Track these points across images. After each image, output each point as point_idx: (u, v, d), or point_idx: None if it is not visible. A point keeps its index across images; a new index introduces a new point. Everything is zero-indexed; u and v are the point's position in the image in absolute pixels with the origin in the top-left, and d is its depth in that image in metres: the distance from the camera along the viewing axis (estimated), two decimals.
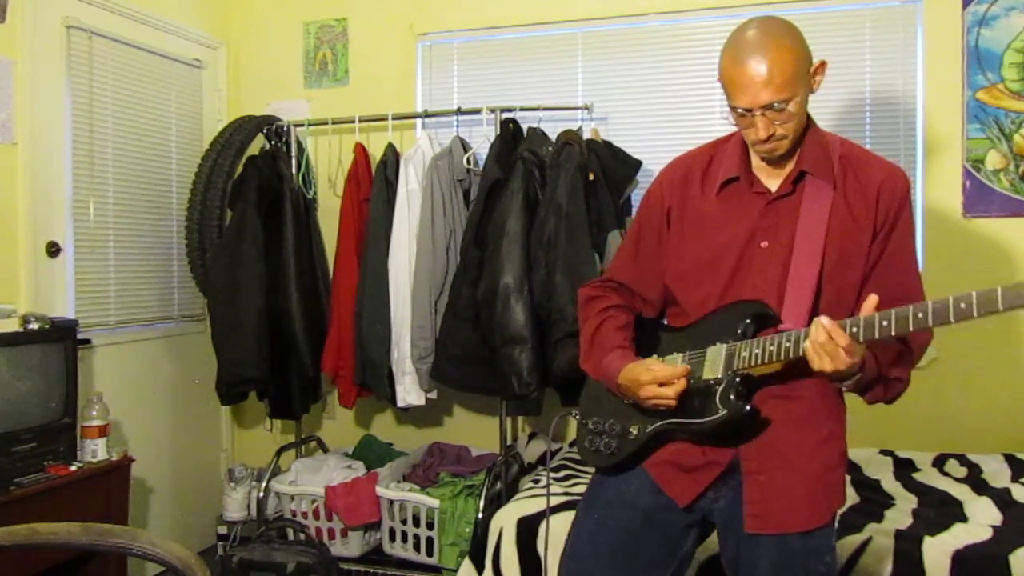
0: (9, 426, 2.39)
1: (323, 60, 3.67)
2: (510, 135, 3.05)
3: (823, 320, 1.33)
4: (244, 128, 3.32)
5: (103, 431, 2.64)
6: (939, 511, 2.36)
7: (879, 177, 1.50)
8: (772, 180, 1.53)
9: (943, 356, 2.97)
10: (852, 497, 2.48)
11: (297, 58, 3.71)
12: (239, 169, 3.27)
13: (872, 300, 1.33)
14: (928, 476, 2.67)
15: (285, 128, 3.39)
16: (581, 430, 1.73)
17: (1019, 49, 2.88)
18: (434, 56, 3.55)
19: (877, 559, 2.09)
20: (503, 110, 3.11)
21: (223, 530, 3.44)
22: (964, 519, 2.30)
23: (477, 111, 3.15)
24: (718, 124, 3.21)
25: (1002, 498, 2.42)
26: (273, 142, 3.37)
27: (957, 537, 2.12)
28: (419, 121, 3.42)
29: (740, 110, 1.44)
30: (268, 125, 3.38)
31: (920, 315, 1.26)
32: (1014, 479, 2.59)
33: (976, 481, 2.60)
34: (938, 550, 2.06)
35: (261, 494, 3.23)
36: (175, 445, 3.44)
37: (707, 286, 1.55)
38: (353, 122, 3.28)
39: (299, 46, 3.70)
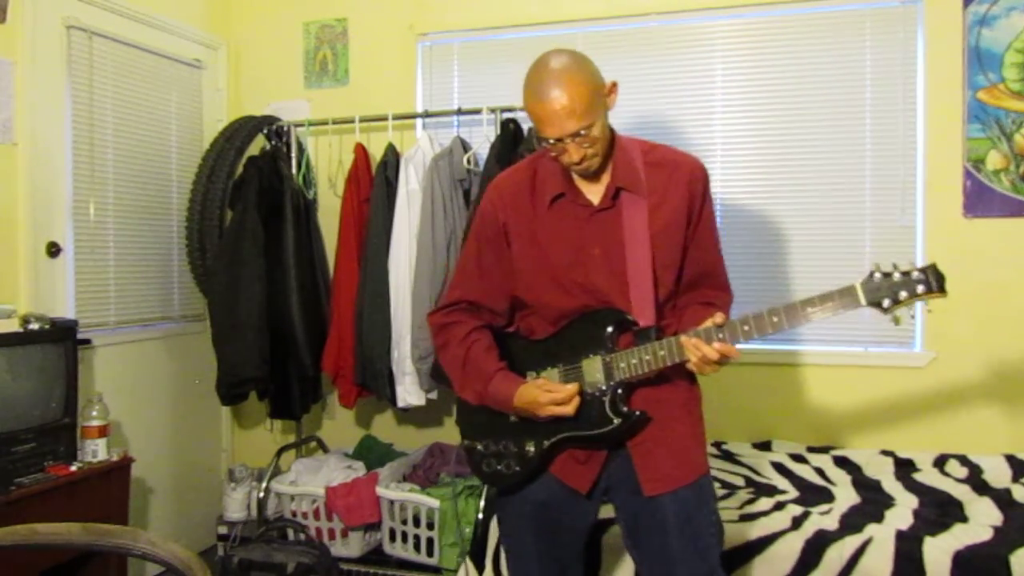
0: (9, 426, 2.39)
1: (323, 60, 3.67)
2: (510, 135, 3.05)
3: (716, 345, 1.54)
4: (244, 128, 3.32)
5: (103, 431, 2.64)
6: (940, 511, 2.36)
7: (686, 170, 1.71)
8: (593, 192, 1.71)
9: (943, 356, 2.97)
10: (852, 497, 2.48)
11: (297, 58, 3.71)
12: (239, 169, 3.27)
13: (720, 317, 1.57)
14: (928, 476, 2.67)
15: (285, 128, 3.39)
16: (473, 455, 1.82)
17: (1020, 49, 2.88)
18: (434, 56, 3.55)
19: (877, 559, 2.08)
20: (503, 110, 3.10)
21: (223, 530, 3.43)
22: (965, 519, 2.30)
23: (477, 111, 3.15)
24: (718, 124, 3.21)
25: (1002, 498, 2.42)
26: (273, 142, 3.37)
27: (958, 537, 2.12)
28: (419, 121, 3.42)
29: (551, 140, 1.59)
30: (268, 125, 3.38)
31: (775, 319, 1.53)
32: (1014, 479, 2.59)
33: (976, 481, 2.60)
34: (939, 550, 2.06)
35: (261, 494, 3.23)
36: (175, 445, 3.44)
37: (556, 293, 1.70)
38: (353, 122, 3.28)
39: (299, 46, 3.70)
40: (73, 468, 2.51)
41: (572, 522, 1.77)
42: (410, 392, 3.07)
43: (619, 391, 1.65)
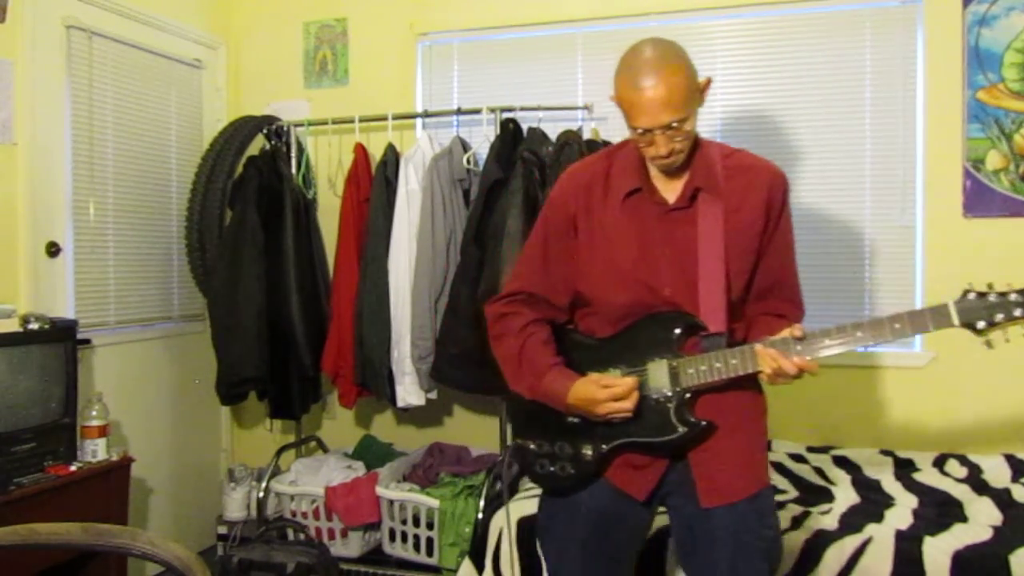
0: (9, 426, 2.39)
1: (323, 60, 3.67)
2: (510, 135, 3.05)
3: (795, 360, 1.49)
4: (244, 128, 3.32)
5: (103, 431, 2.64)
6: (939, 511, 2.36)
7: (767, 177, 1.65)
8: (669, 191, 1.64)
9: (942, 356, 2.97)
10: (852, 497, 2.48)
11: (297, 58, 3.71)
12: (239, 169, 3.27)
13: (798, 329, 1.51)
14: (928, 476, 2.67)
15: (285, 128, 3.39)
16: (525, 455, 1.75)
17: (1019, 49, 2.88)
18: (434, 56, 3.55)
19: (877, 559, 2.08)
20: (503, 110, 3.11)
21: (223, 530, 3.43)
22: (964, 519, 2.30)
23: (477, 111, 3.15)
24: (718, 124, 3.22)
25: (1002, 498, 2.42)
26: (273, 142, 3.37)
27: (957, 537, 2.12)
28: (419, 121, 3.42)
29: (640, 130, 1.53)
30: (268, 125, 3.38)
31: (860, 334, 1.48)
32: (1014, 479, 2.59)
33: (976, 481, 2.60)
34: (938, 550, 2.06)
35: (261, 494, 3.23)
36: (175, 445, 3.44)
37: (620, 292, 1.64)
38: (353, 122, 3.28)
39: (299, 46, 3.70)
40: (73, 468, 2.51)
41: (626, 530, 1.70)
42: (410, 392, 3.07)
43: (687, 397, 1.58)
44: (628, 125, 1.55)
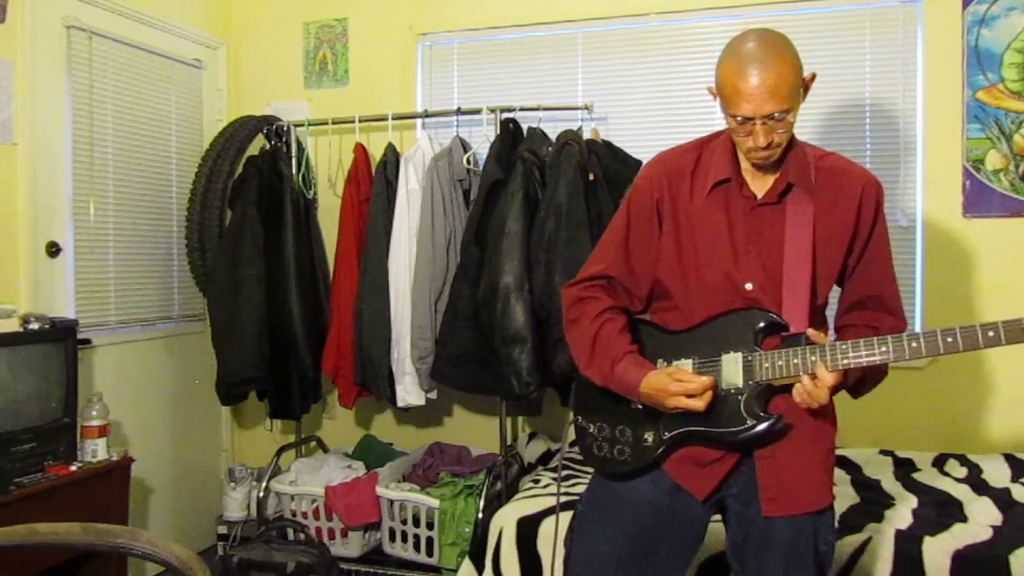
0: (9, 426, 2.39)
1: (323, 60, 3.67)
2: (510, 135, 3.05)
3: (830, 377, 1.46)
4: (244, 128, 3.32)
5: (103, 431, 2.64)
6: (939, 511, 2.36)
7: (859, 184, 1.59)
8: (758, 186, 1.59)
9: (942, 356, 2.96)
10: (852, 497, 2.48)
11: (297, 58, 3.71)
12: (239, 169, 3.27)
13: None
14: (928, 476, 2.67)
15: (285, 128, 3.39)
16: (583, 435, 1.72)
17: (1019, 49, 2.88)
18: (434, 56, 3.56)
19: (877, 559, 2.09)
20: (503, 110, 3.11)
21: (223, 530, 3.43)
22: (964, 519, 2.30)
23: (477, 111, 3.15)
24: (718, 124, 3.21)
25: (1002, 498, 2.42)
26: (273, 142, 3.37)
27: (957, 537, 2.12)
28: (419, 121, 3.42)
29: (740, 118, 1.48)
30: (268, 125, 3.38)
31: (950, 339, 1.40)
32: (1014, 479, 2.59)
33: (976, 481, 2.60)
34: (938, 550, 2.06)
35: (261, 494, 3.23)
36: (175, 445, 3.44)
37: (702, 284, 1.60)
38: (353, 122, 3.28)
39: (299, 46, 3.70)
40: (73, 468, 2.51)
41: (679, 528, 1.64)
42: (410, 392, 3.07)
43: (758, 391, 1.52)
44: (727, 113, 1.51)
